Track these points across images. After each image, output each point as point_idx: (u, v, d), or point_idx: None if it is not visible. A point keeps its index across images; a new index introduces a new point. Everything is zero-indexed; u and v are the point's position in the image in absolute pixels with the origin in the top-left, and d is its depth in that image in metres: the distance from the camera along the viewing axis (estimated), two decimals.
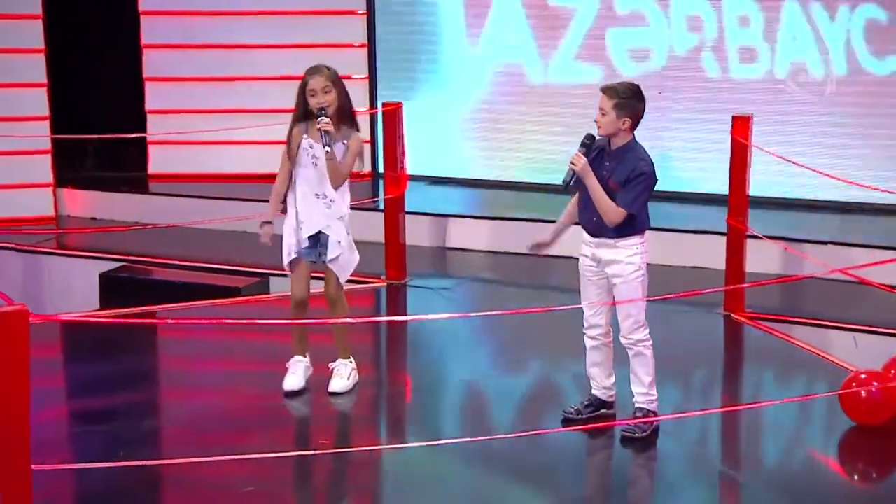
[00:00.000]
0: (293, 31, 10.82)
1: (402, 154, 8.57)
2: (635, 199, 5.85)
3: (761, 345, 7.58)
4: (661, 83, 9.84)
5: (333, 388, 6.48)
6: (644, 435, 5.94)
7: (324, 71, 6.33)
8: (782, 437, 6.34)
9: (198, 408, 6.40)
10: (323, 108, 6.25)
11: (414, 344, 7.77)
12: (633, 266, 5.91)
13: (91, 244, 9.84)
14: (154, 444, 5.99)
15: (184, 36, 10.88)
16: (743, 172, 7.74)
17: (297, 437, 6.30)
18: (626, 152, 5.90)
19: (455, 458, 5.83)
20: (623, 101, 5.84)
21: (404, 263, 8.66)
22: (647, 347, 5.96)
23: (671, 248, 8.91)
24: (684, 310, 8.02)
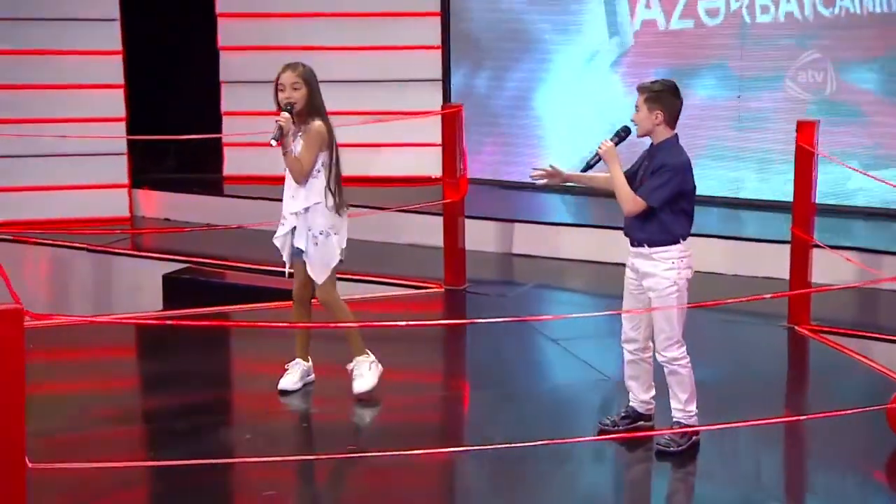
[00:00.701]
0: (368, 33, 10.90)
1: (462, 158, 8.55)
2: (654, 190, 5.71)
3: (826, 359, 7.39)
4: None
5: (357, 390, 6.45)
6: (680, 449, 5.82)
7: (298, 68, 6.38)
8: (831, 457, 6.19)
9: (224, 409, 6.48)
10: (290, 103, 6.28)
11: (460, 349, 7.76)
12: (667, 281, 5.78)
13: (162, 245, 10.02)
14: (182, 445, 6.06)
15: (260, 38, 11.01)
16: (808, 180, 7.56)
17: (323, 442, 6.32)
18: (662, 149, 5.80)
19: (483, 465, 5.81)
20: (654, 94, 5.75)
21: (463, 269, 8.64)
22: (683, 366, 5.83)
23: (739, 257, 8.81)
24: (746, 321, 7.89)
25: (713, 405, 6.58)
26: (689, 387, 5.84)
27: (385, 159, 11.00)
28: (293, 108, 6.28)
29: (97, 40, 10.56)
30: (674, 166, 5.73)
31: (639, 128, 5.84)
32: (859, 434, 6.23)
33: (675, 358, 5.81)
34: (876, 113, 9.45)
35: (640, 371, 6.01)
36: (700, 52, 10.00)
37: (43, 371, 6.52)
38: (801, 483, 5.98)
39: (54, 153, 10.35)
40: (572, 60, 10.53)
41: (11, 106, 10.32)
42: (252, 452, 5.78)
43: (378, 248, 9.76)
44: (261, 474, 5.60)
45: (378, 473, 5.74)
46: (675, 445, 5.83)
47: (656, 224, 5.78)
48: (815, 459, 6.20)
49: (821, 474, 6.10)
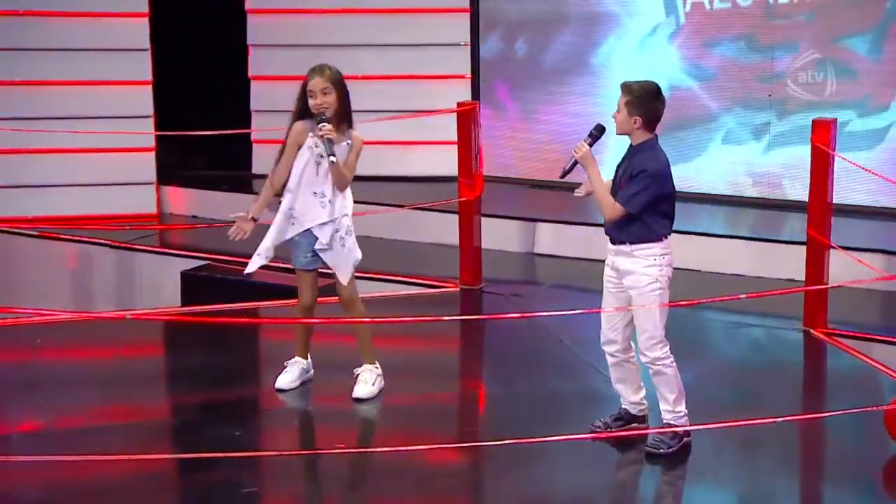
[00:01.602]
0: (398, 30, 10.98)
1: (477, 156, 8.61)
2: (633, 196, 5.75)
3: (838, 363, 7.37)
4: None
5: (358, 395, 6.56)
6: (670, 451, 5.85)
7: (325, 71, 6.41)
8: (828, 461, 6.19)
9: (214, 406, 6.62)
10: (322, 112, 6.33)
11: (464, 348, 7.85)
12: (648, 278, 5.81)
13: (186, 242, 10.19)
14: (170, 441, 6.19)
15: (289, 34, 11.13)
16: (824, 181, 7.54)
17: (315, 439, 6.42)
18: (639, 152, 5.84)
19: (469, 464, 5.89)
20: (635, 99, 5.79)
21: (479, 268, 8.70)
22: (667, 365, 5.86)
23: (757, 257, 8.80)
24: (760, 324, 7.89)
25: (718, 407, 6.65)
26: (675, 387, 5.87)
27: (416, 157, 11.07)
28: (326, 116, 6.31)
29: (126, 36, 10.74)
30: (652, 172, 5.77)
31: (617, 127, 5.89)
32: (859, 437, 6.25)
33: (659, 358, 5.84)
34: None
35: (626, 373, 6.05)
36: (732, 29, 10.00)
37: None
38: (794, 487, 5.96)
39: (82, 149, 10.54)
40: (624, 45, 10.51)
41: (40, 102, 10.53)
42: (238, 449, 5.88)
43: (398, 247, 9.87)
44: (246, 471, 5.72)
45: (362, 471, 5.84)
46: (664, 447, 5.86)
47: (637, 224, 5.83)
48: (811, 463, 6.21)
49: (816, 478, 6.11)
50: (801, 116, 9.48)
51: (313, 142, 6.42)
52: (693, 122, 10.11)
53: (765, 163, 9.90)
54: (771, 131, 9.84)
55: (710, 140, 10.10)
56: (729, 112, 10.00)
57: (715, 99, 10.06)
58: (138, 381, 6.94)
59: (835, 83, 9.58)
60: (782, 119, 9.78)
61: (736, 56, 9.96)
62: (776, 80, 9.77)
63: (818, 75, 9.61)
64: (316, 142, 6.41)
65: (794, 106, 9.71)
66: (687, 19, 10.17)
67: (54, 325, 7.54)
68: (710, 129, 10.10)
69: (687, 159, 10.11)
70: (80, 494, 5.54)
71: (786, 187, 9.83)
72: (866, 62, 9.47)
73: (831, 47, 9.59)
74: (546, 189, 10.58)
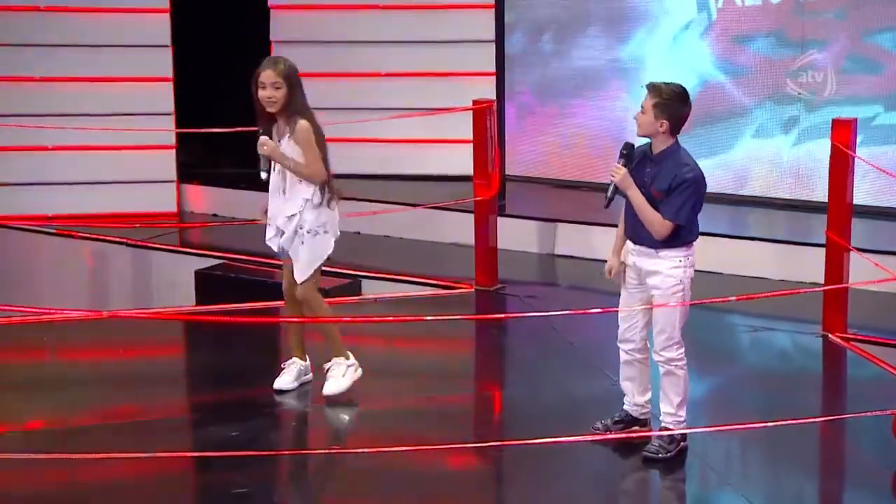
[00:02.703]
0: (421, 26, 11.06)
1: (493, 154, 8.68)
2: (681, 208, 5.84)
3: (856, 369, 7.41)
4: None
5: (327, 392, 6.63)
6: (668, 456, 5.93)
7: (278, 65, 6.54)
8: (833, 465, 6.23)
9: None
10: (276, 118, 6.52)
11: (469, 350, 7.95)
12: (672, 279, 5.89)
13: (204, 241, 10.34)
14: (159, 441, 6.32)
15: (312, 31, 11.25)
16: (843, 182, 7.56)
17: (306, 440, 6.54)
18: (667, 157, 5.90)
19: (464, 466, 5.98)
20: (664, 101, 5.85)
21: (495, 269, 8.78)
22: (680, 367, 5.94)
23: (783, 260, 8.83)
24: (777, 327, 7.93)
25: (730, 410, 6.72)
26: (682, 391, 5.94)
27: (437, 155, 11.15)
28: (267, 131, 6.50)
29: (147, 33, 10.90)
30: (694, 180, 5.86)
31: (640, 128, 5.94)
32: (872, 442, 6.29)
33: (673, 359, 5.92)
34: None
35: (637, 372, 6.12)
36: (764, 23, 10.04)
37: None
38: (805, 492, 6.00)
39: (102, 146, 10.71)
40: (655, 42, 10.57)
41: (59, 99, 10.72)
42: (233, 449, 6.01)
43: (416, 247, 9.97)
44: (239, 471, 5.83)
45: (355, 473, 5.94)
46: (663, 452, 5.94)
47: (675, 231, 5.89)
48: (813, 466, 6.26)
49: (828, 483, 6.16)
50: (830, 112, 9.50)
51: (265, 139, 6.58)
52: (724, 117, 10.15)
53: (793, 157, 9.92)
54: (800, 125, 9.86)
55: (740, 135, 10.13)
56: (759, 107, 10.03)
57: (746, 94, 10.08)
58: (140, 381, 7.10)
59: (861, 79, 9.59)
60: (811, 113, 9.79)
61: (766, 51, 9.99)
62: (805, 75, 9.79)
63: (846, 70, 9.63)
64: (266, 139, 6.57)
65: (822, 101, 9.73)
66: (718, 15, 10.22)
67: (62, 324, 7.70)
68: (740, 123, 10.13)
69: (716, 154, 10.16)
70: (72, 493, 5.69)
71: (816, 186, 9.83)
72: (894, 57, 9.48)
73: (860, 44, 9.60)
74: (569, 189, 10.65)
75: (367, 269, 9.23)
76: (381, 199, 10.30)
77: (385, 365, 7.29)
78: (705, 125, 10.11)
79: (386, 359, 7.39)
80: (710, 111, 10.11)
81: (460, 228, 9.76)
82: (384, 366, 7.29)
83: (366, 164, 10.97)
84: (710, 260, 8.99)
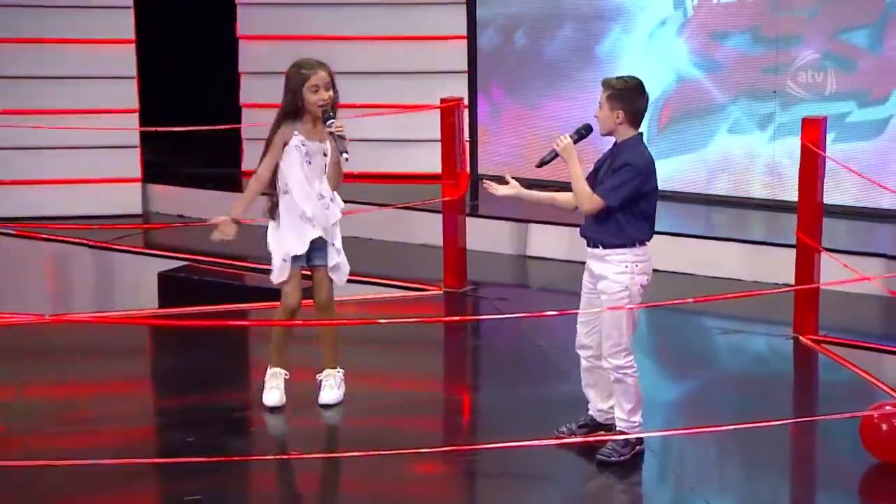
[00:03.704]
0: (391, 22, 11.16)
1: (462, 154, 8.80)
2: (614, 188, 5.94)
3: (827, 371, 7.54)
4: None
5: (325, 400, 6.79)
6: (622, 459, 6.06)
7: (326, 66, 6.66)
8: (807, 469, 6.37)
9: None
10: (325, 108, 6.52)
11: (438, 352, 8.06)
12: (618, 285, 6.00)
13: (168, 242, 10.42)
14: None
15: (281, 27, 11.32)
16: (813, 182, 7.69)
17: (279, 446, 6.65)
18: (624, 148, 6.04)
19: (429, 471, 6.10)
20: (616, 92, 5.99)
21: (464, 271, 8.90)
22: (630, 374, 6.05)
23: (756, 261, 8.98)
24: (748, 329, 8.07)
25: (695, 413, 6.85)
26: (634, 396, 6.06)
27: (409, 154, 11.25)
28: (329, 111, 6.50)
29: (109, 28, 10.97)
30: (636, 166, 5.96)
31: (600, 126, 6.08)
32: (838, 445, 6.41)
33: (621, 366, 6.03)
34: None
35: (597, 378, 6.24)
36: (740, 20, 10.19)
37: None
38: (762, 494, 6.12)
39: (64, 146, 10.80)
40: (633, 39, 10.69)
41: (20, 97, 10.80)
42: (189, 455, 6.11)
43: (385, 248, 10.07)
44: (193, 478, 5.93)
45: (316, 479, 6.05)
46: (616, 455, 6.06)
47: (612, 225, 6.00)
48: (781, 470, 6.39)
49: (791, 487, 6.28)
50: (804, 108, 9.67)
51: (299, 140, 6.58)
52: (700, 114, 10.28)
53: (769, 155, 10.05)
54: (775, 122, 10.00)
55: (716, 131, 10.26)
56: (735, 103, 10.15)
57: (721, 90, 10.21)
58: (97, 386, 7.19)
59: (835, 75, 9.74)
60: (786, 110, 9.93)
61: (743, 48, 10.13)
62: (780, 72, 9.93)
63: (821, 67, 9.78)
64: (302, 140, 6.57)
65: (797, 98, 9.87)
66: (695, 12, 10.35)
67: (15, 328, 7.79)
68: (715, 119, 10.25)
69: (692, 150, 10.30)
70: (14, 500, 5.77)
71: (791, 184, 9.95)
72: (867, 54, 9.64)
73: (835, 40, 9.75)
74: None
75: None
76: (349, 199, 10.36)
77: (350, 368, 7.40)
78: (681, 122, 10.27)
79: (351, 362, 7.50)
80: (686, 108, 10.26)
81: (430, 229, 9.87)
82: (349, 369, 7.40)
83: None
84: (681, 260, 9.19)
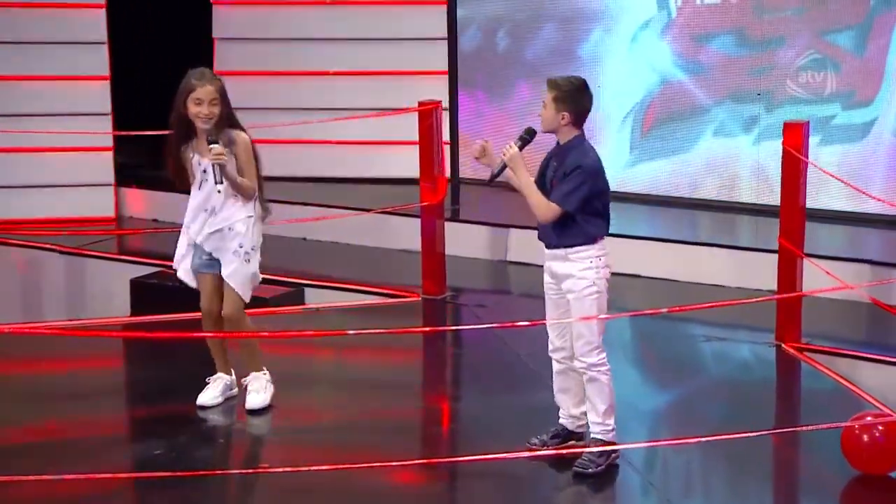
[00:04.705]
0: (370, 23, 11.23)
1: (440, 157, 8.88)
2: (569, 193, 6.09)
3: (808, 381, 7.65)
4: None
5: (250, 406, 6.89)
6: (598, 470, 6.15)
7: (216, 81, 6.74)
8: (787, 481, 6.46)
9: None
10: (209, 134, 6.61)
11: (415, 360, 8.17)
12: (585, 281, 6.14)
13: (142, 247, 10.48)
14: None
15: (257, 27, 11.39)
16: (796, 187, 7.79)
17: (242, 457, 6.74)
18: (570, 149, 6.18)
19: (401, 482, 6.18)
20: (562, 93, 6.12)
21: (443, 277, 8.99)
22: (603, 373, 6.17)
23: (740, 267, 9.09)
24: (731, 337, 8.16)
25: (675, 424, 6.95)
26: (608, 397, 6.17)
27: (388, 158, 11.31)
28: (212, 134, 6.60)
29: (81, 28, 11.01)
30: (586, 168, 6.11)
31: (543, 124, 6.23)
32: (819, 456, 6.51)
33: (594, 364, 6.15)
34: None
35: (570, 383, 6.34)
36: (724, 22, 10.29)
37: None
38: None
39: (34, 148, 10.84)
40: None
41: None
42: (156, 468, 6.18)
43: (364, 254, 10.13)
44: (160, 492, 6.02)
45: (288, 493, 6.13)
46: (593, 466, 6.17)
47: (571, 226, 6.17)
48: (761, 480, 6.49)
49: (769, 496, 6.38)
50: (790, 110, 9.81)
51: (196, 159, 6.76)
52: (685, 116, 10.39)
53: (754, 159, 10.15)
54: (761, 124, 10.11)
55: (701, 134, 10.36)
56: (719, 106, 10.25)
57: (706, 93, 10.31)
58: (63, 397, 7.27)
59: (822, 77, 9.86)
60: (771, 112, 10.03)
61: (726, 50, 10.24)
62: (765, 74, 10.03)
63: (807, 69, 9.89)
64: (199, 158, 6.74)
65: (782, 100, 9.98)
66: (678, 14, 10.45)
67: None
68: (700, 122, 10.35)
69: (676, 153, 10.41)
70: None
71: (775, 187, 10.07)
72: (852, 56, 9.76)
73: (820, 42, 9.86)
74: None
75: (311, 277, 9.42)
76: (327, 204, 10.51)
77: (326, 377, 7.50)
78: (665, 125, 10.37)
79: (326, 371, 7.60)
80: (670, 111, 10.36)
81: (409, 234, 9.96)
82: (325, 378, 7.51)
83: (312, 166, 11.17)
84: (665, 266, 9.28)
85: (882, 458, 6.16)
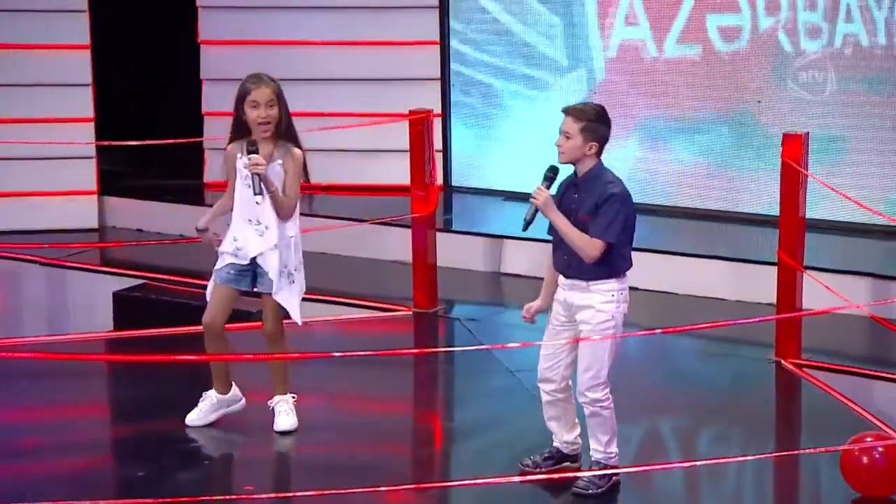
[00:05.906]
0: (362, 27, 11.27)
1: (431, 167, 8.92)
2: (609, 225, 6.08)
3: (808, 399, 7.69)
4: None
5: (281, 427, 6.94)
6: (599, 492, 6.22)
7: (270, 83, 6.72)
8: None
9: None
10: (255, 144, 6.61)
11: (404, 378, 8.20)
12: (604, 314, 6.12)
13: (126, 259, 10.50)
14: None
15: (244, 32, 11.42)
16: (794, 199, 7.84)
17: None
18: (593, 179, 6.17)
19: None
20: (591, 124, 6.11)
21: (435, 289, 9.02)
22: (605, 407, 6.20)
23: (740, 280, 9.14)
24: (730, 352, 8.21)
25: (672, 444, 7.00)
26: (610, 428, 6.22)
27: (380, 166, 11.35)
28: (257, 147, 6.59)
29: (62, 33, 11.03)
30: (620, 195, 6.12)
31: (564, 155, 6.19)
32: (817, 476, 6.56)
33: (599, 400, 6.18)
34: None
35: (561, 412, 6.39)
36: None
37: None
38: None
39: (14, 157, 10.87)
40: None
41: None
42: (139, 490, 6.22)
43: (356, 265, 10.16)
44: None
45: None
46: (593, 488, 6.23)
47: (608, 252, 6.11)
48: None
49: None
50: (790, 116, 9.90)
51: (243, 163, 6.69)
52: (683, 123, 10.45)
53: (754, 166, 10.22)
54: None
55: (696, 142, 10.41)
56: (716, 112, 10.28)
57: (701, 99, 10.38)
58: (44, 413, 7.30)
59: (822, 82, 9.92)
60: (770, 119, 10.08)
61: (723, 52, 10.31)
62: (765, 79, 10.09)
63: (805, 73, 9.97)
64: (244, 161, 6.68)
65: (782, 105, 10.05)
66: None
67: None
68: (696, 129, 10.40)
69: (674, 162, 10.47)
70: None
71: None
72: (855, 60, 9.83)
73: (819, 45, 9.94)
74: (519, 202, 10.86)
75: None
76: (317, 214, 10.53)
77: (315, 395, 7.52)
78: (662, 132, 10.43)
79: (313, 388, 7.63)
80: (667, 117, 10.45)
81: (401, 245, 9.99)
82: (313, 396, 7.53)
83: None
84: (664, 279, 9.32)
85: (883, 481, 6.22)
